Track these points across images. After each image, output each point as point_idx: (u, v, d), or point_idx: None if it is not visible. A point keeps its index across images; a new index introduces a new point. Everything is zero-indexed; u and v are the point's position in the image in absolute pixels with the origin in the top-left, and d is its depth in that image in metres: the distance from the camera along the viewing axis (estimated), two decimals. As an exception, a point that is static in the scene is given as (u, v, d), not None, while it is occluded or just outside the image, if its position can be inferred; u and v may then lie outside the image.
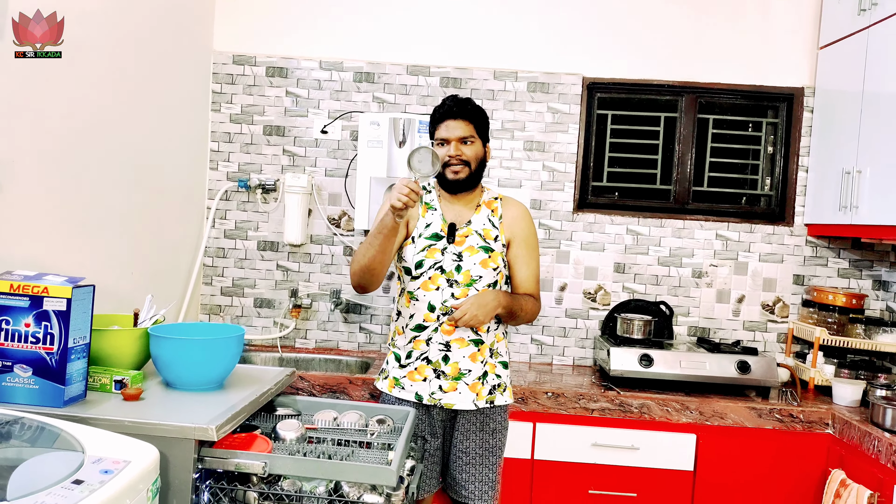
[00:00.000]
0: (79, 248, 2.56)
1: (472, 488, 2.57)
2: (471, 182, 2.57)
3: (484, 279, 2.52)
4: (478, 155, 2.56)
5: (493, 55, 3.59)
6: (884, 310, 3.52)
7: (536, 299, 2.64)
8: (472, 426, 2.57)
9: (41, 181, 2.32)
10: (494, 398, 2.58)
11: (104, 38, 2.59)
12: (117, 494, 1.39)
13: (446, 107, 2.54)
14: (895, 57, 2.91)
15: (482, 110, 2.59)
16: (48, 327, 1.89)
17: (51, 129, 2.35)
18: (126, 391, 2.01)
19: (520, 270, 2.63)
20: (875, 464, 2.65)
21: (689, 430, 2.99)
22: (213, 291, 3.66)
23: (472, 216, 2.60)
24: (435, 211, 2.60)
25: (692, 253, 3.60)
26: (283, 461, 1.92)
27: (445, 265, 2.52)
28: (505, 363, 2.64)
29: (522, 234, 2.63)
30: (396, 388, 2.60)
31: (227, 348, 2.20)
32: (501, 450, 2.63)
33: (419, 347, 2.56)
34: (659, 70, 3.58)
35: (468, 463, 2.57)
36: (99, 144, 2.63)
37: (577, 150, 3.60)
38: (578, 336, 3.63)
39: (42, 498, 1.28)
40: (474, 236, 2.56)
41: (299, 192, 3.50)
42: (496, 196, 2.67)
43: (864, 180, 3.05)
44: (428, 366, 2.54)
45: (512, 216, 2.63)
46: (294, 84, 3.61)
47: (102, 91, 2.63)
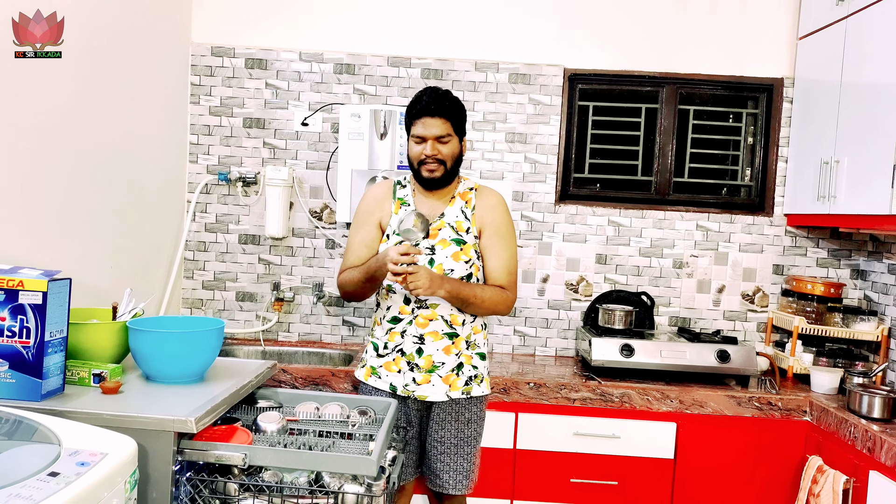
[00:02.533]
0: (56, 243, 2.54)
1: (447, 477, 2.59)
2: (446, 179, 2.56)
3: (456, 272, 2.52)
4: (454, 153, 2.54)
5: (475, 46, 3.59)
6: (861, 298, 3.55)
7: (507, 290, 2.59)
8: (447, 416, 2.58)
9: (14, 176, 2.30)
10: (471, 389, 2.59)
11: (79, 31, 2.56)
12: (94, 486, 1.39)
13: (423, 103, 2.49)
14: (873, 47, 2.93)
15: (460, 105, 2.56)
16: (24, 321, 1.88)
17: (24, 124, 2.33)
18: (105, 384, 2.01)
19: (490, 260, 2.60)
20: (851, 450, 2.68)
21: (670, 419, 3.01)
22: (195, 285, 3.65)
23: (445, 209, 2.59)
24: (408, 207, 2.60)
25: (673, 244, 3.62)
26: (263, 453, 1.92)
27: (419, 259, 2.51)
28: (482, 354, 2.64)
29: (493, 224, 2.60)
30: (373, 378, 2.61)
31: (206, 341, 2.20)
32: (477, 439, 2.64)
33: (394, 339, 2.57)
34: (640, 61, 3.59)
35: (443, 452, 2.58)
36: (76, 138, 2.61)
37: (558, 142, 3.60)
38: (561, 327, 3.65)
39: (17, 490, 1.28)
40: (447, 229, 2.56)
41: (280, 184, 3.49)
42: (472, 186, 2.65)
43: (842, 170, 3.07)
44: (402, 357, 2.56)
45: (484, 206, 2.61)
46: (274, 76, 3.59)
47: (78, 84, 2.61)
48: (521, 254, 3.61)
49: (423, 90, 2.55)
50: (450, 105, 2.51)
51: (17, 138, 2.29)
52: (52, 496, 1.28)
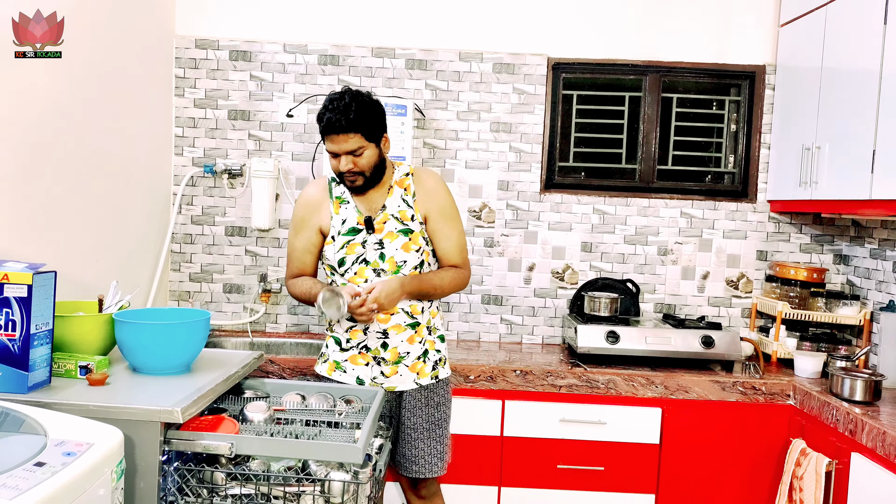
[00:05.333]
0: (41, 236, 2.54)
1: (423, 462, 2.61)
2: (372, 182, 2.49)
3: (409, 262, 2.52)
4: (371, 161, 2.43)
5: (459, 36, 3.60)
6: (844, 283, 3.59)
7: (462, 268, 2.61)
8: (417, 402, 2.60)
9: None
10: (438, 373, 2.63)
11: (67, 27, 2.55)
12: (80, 476, 1.40)
13: (327, 121, 2.36)
14: (852, 33, 2.96)
15: (370, 109, 2.40)
16: (9, 314, 1.88)
17: (7, 117, 2.33)
18: (91, 376, 2.02)
19: (440, 243, 2.59)
20: (833, 432, 2.72)
21: (655, 404, 3.04)
22: (182, 278, 3.65)
23: (385, 201, 2.54)
24: (348, 204, 2.55)
25: (658, 231, 3.64)
26: (249, 442, 1.94)
27: (368, 256, 2.51)
28: (442, 337, 2.68)
29: (438, 207, 2.58)
30: (337, 372, 2.60)
31: (192, 332, 2.21)
32: (447, 421, 2.67)
33: (357, 336, 2.57)
34: (623, 50, 3.60)
35: (417, 438, 2.60)
36: (60, 131, 2.61)
37: (543, 131, 3.62)
38: (547, 315, 3.67)
39: (3, 480, 1.29)
40: (391, 221, 2.52)
41: (266, 176, 3.49)
42: (407, 172, 2.59)
43: (823, 156, 3.10)
44: (368, 353, 2.57)
45: (425, 191, 2.57)
46: (258, 68, 3.59)
47: (62, 77, 2.60)
48: (508, 242, 3.63)
49: (328, 101, 2.39)
50: (356, 118, 2.35)
51: (0, 132, 2.29)
52: (37, 486, 1.30)
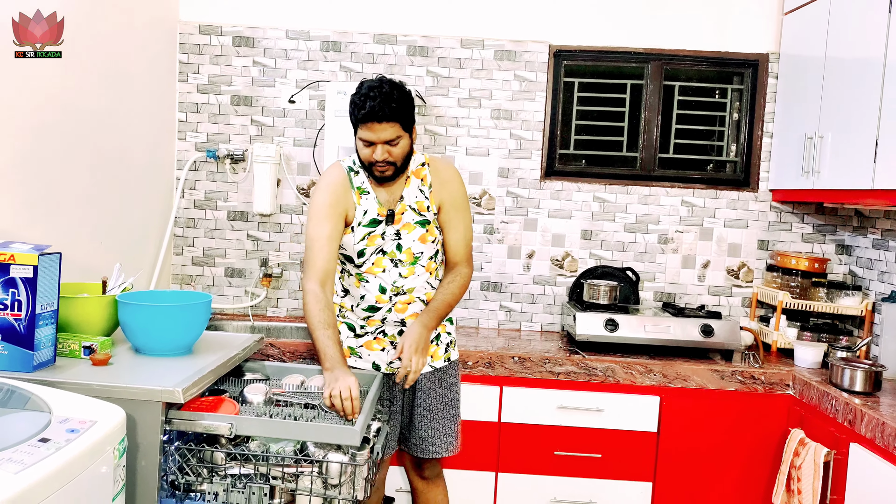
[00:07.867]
0: (46, 219, 2.56)
1: (439, 442, 2.64)
2: (400, 171, 2.49)
3: (426, 254, 2.55)
4: (405, 151, 2.44)
5: (460, 23, 3.59)
6: (846, 273, 3.60)
7: (463, 266, 2.64)
8: (432, 384, 2.63)
9: (5, 153, 2.31)
10: (450, 355, 2.68)
11: (66, 9, 2.56)
12: (83, 453, 1.42)
13: (369, 109, 2.32)
14: (856, 22, 2.95)
15: (408, 100, 2.40)
16: (15, 294, 1.90)
17: (12, 102, 2.34)
18: (95, 356, 2.03)
19: (449, 234, 2.61)
20: (832, 423, 2.73)
21: (653, 393, 3.05)
22: (184, 261, 3.67)
23: (403, 191, 2.54)
24: (368, 194, 2.53)
25: (658, 219, 3.65)
26: (249, 423, 1.96)
27: (386, 247, 2.52)
28: (451, 319, 2.72)
29: (451, 199, 2.59)
30: (353, 358, 2.62)
31: (194, 314, 2.23)
32: (458, 401, 2.72)
33: (374, 325, 2.60)
34: (625, 37, 3.60)
35: (432, 419, 2.63)
36: (64, 116, 2.62)
37: (544, 118, 3.62)
38: (546, 302, 3.68)
39: (9, 455, 1.31)
40: (409, 212, 2.53)
41: (268, 161, 3.50)
42: (423, 162, 2.59)
43: (826, 145, 3.10)
44: (385, 338, 2.60)
45: (440, 181, 2.58)
46: (261, 54, 3.60)
47: (67, 63, 2.61)
48: (507, 230, 3.64)
49: (367, 88, 2.36)
50: (398, 106, 2.34)
51: (8, 117, 2.31)
52: (42, 461, 1.32)
